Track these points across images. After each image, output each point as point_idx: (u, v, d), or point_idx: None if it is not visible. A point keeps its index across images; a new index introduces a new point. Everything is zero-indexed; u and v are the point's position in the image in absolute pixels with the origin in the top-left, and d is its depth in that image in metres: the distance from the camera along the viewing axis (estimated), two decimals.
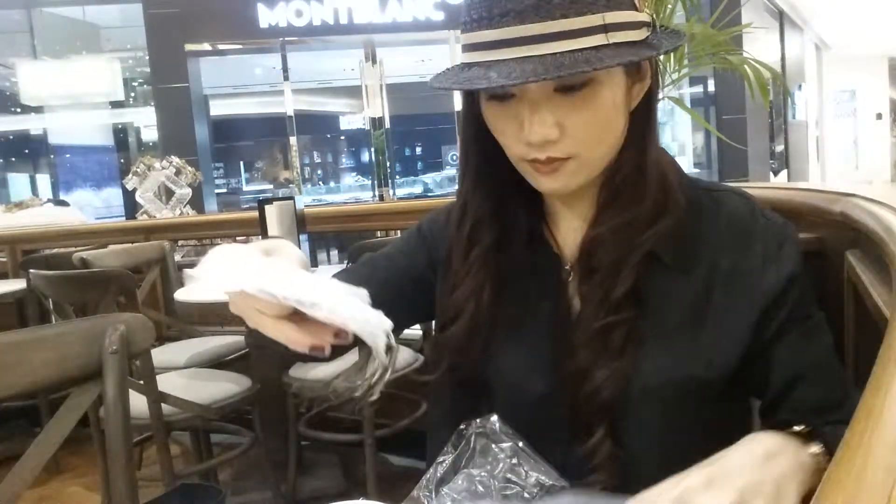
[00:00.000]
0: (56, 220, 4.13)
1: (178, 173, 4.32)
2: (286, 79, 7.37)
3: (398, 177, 9.65)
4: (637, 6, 0.68)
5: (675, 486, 0.58)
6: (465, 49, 0.69)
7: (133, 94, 8.81)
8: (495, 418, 0.73)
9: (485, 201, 0.79)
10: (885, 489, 0.29)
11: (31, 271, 2.30)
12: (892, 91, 13.64)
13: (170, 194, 4.33)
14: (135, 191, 4.30)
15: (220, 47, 7.14)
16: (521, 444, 0.71)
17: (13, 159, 9.91)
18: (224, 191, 10.76)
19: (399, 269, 0.88)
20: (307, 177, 11.62)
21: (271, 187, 10.87)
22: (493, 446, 0.71)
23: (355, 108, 10.45)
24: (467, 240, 0.80)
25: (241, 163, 11.84)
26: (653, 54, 0.68)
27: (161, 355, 2.50)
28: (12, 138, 9.66)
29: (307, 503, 2.38)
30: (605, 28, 0.64)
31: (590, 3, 0.64)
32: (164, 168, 4.29)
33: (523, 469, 0.70)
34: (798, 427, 0.66)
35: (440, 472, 0.72)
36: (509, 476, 0.70)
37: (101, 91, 7.11)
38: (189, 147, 6.42)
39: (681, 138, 8.99)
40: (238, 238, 3.33)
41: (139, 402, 1.86)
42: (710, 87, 7.65)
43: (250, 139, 11.52)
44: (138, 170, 4.28)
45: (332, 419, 2.54)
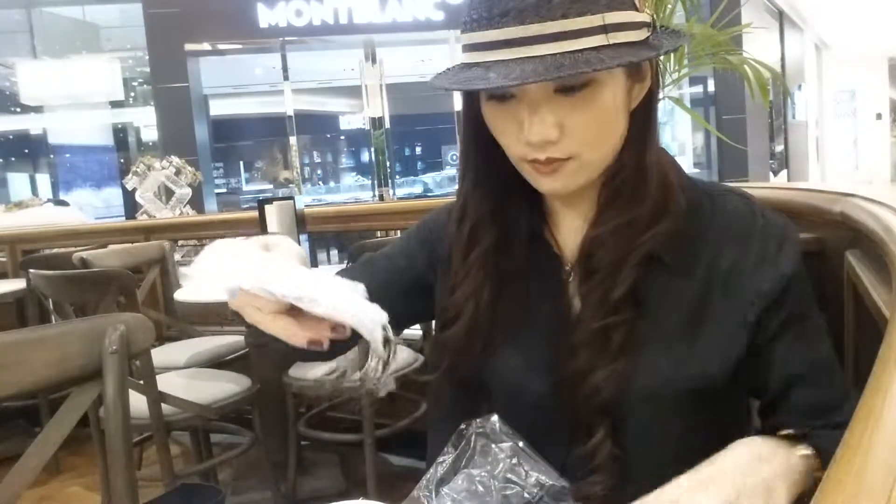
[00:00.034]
0: (56, 220, 4.13)
1: (178, 173, 4.32)
2: (286, 79, 7.38)
3: (398, 177, 9.66)
4: (638, 6, 0.68)
5: (669, 491, 0.61)
6: (465, 49, 0.69)
7: (133, 94, 8.81)
8: (495, 418, 0.73)
9: (485, 201, 0.79)
10: (885, 489, 0.29)
11: (31, 271, 2.30)
12: (892, 91, 13.64)
13: (170, 194, 4.33)
14: (135, 191, 4.29)
15: (220, 47, 7.14)
16: (521, 443, 0.71)
17: (13, 159, 9.91)
18: (224, 191, 10.77)
19: (399, 269, 0.88)
20: (307, 177, 11.62)
21: (271, 187, 10.87)
22: (493, 446, 0.71)
23: (355, 108, 10.45)
24: (467, 240, 0.80)
25: (241, 163, 11.84)
26: (653, 55, 0.68)
27: (161, 355, 2.50)
28: (12, 138, 9.66)
29: (307, 503, 2.38)
30: (606, 28, 0.64)
31: (590, 3, 0.64)
32: (163, 168, 4.28)
33: (523, 469, 0.70)
34: (787, 430, 0.69)
35: (440, 472, 0.72)
36: (509, 476, 0.70)
37: (101, 91, 7.10)
38: (189, 147, 6.42)
39: (681, 138, 8.99)
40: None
41: (139, 402, 1.86)
42: (710, 87, 7.64)
43: (250, 139, 11.53)
44: (138, 170, 4.27)
45: (332, 419, 2.54)
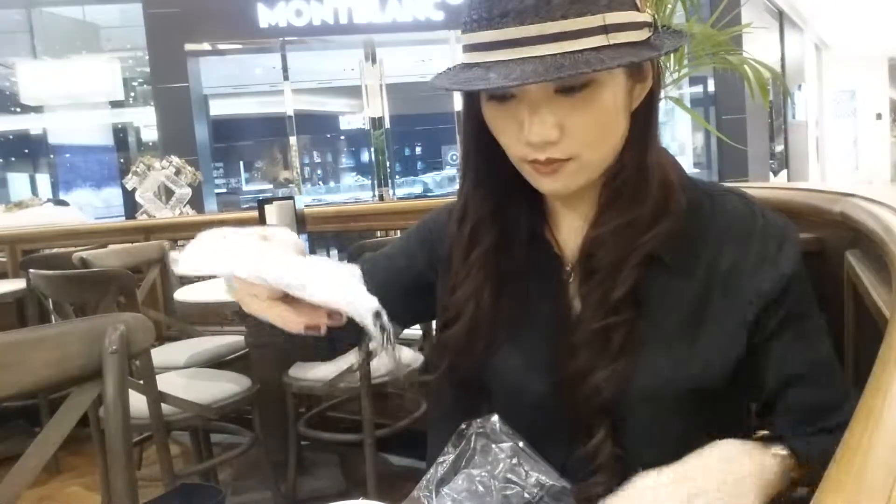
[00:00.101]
0: (56, 219, 4.12)
1: (178, 173, 4.32)
2: (286, 79, 7.38)
3: (398, 177, 9.66)
4: (639, 6, 0.68)
5: (634, 487, 0.64)
6: (466, 49, 0.69)
7: (133, 94, 8.81)
8: (495, 418, 0.73)
9: (486, 201, 0.79)
10: (885, 489, 0.29)
11: (31, 271, 2.29)
12: (892, 91, 13.64)
13: (169, 194, 4.32)
14: (134, 190, 4.29)
15: (220, 47, 7.14)
16: (521, 444, 0.71)
17: (13, 159, 9.91)
18: (224, 191, 10.77)
19: (399, 269, 0.88)
20: (307, 177, 11.62)
21: (271, 187, 10.87)
22: (493, 446, 0.71)
23: (355, 108, 10.45)
24: (468, 240, 0.80)
25: (241, 162, 11.84)
26: (654, 55, 0.68)
27: (161, 355, 2.50)
28: (12, 138, 9.66)
29: (307, 503, 2.38)
30: (606, 29, 0.64)
31: (590, 3, 0.63)
32: (163, 168, 4.28)
33: (523, 469, 0.70)
34: (762, 432, 0.71)
35: (440, 472, 0.72)
36: (509, 476, 0.70)
37: (101, 91, 7.09)
38: (189, 147, 6.42)
39: (680, 138, 8.99)
40: None
41: (139, 402, 1.86)
42: (710, 87, 7.64)
43: (250, 139, 11.53)
44: (138, 170, 4.27)
45: (332, 419, 2.54)
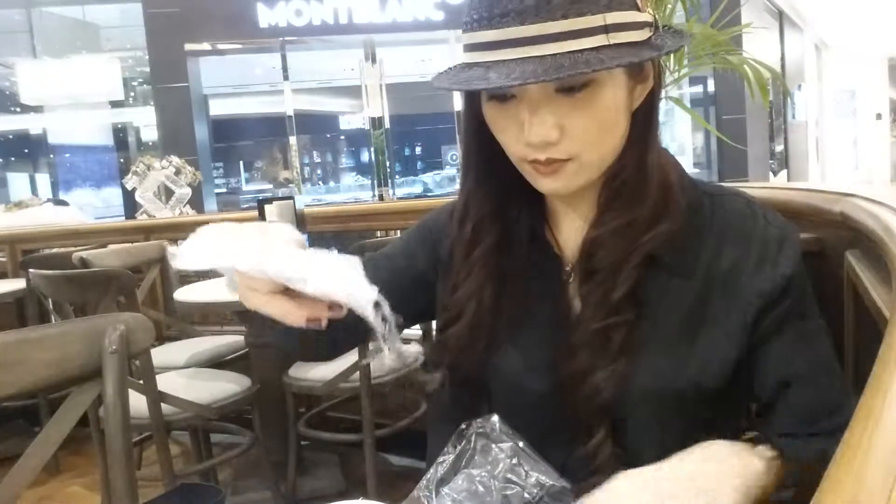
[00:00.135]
0: (56, 219, 4.12)
1: (178, 173, 4.31)
2: (286, 78, 7.38)
3: (398, 177, 9.66)
4: (639, 6, 0.68)
5: (606, 490, 0.64)
6: (466, 49, 0.69)
7: (133, 94, 8.81)
8: (495, 418, 0.73)
9: (486, 200, 0.79)
10: (885, 489, 0.29)
11: (31, 271, 2.29)
12: (892, 91, 13.64)
13: (169, 194, 4.32)
14: (134, 190, 4.29)
15: (220, 47, 7.14)
16: (521, 444, 0.71)
17: (13, 159, 9.91)
18: (224, 190, 10.78)
19: (399, 269, 0.88)
20: (307, 176, 11.63)
21: (271, 187, 10.88)
22: (493, 446, 0.71)
23: (355, 108, 10.45)
24: (469, 239, 0.80)
25: (241, 162, 11.85)
26: (654, 55, 0.68)
27: (161, 355, 2.50)
28: (12, 138, 9.66)
29: (307, 503, 2.38)
30: (606, 29, 0.64)
31: (590, 3, 0.63)
32: (163, 168, 4.27)
33: (523, 469, 0.70)
34: (750, 433, 0.72)
35: (440, 472, 0.72)
36: (509, 476, 0.70)
37: (101, 91, 7.10)
38: (189, 147, 6.42)
39: (680, 138, 8.99)
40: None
41: (139, 402, 1.86)
42: (710, 87, 7.65)
43: (250, 139, 11.53)
44: (138, 169, 4.26)
45: (332, 419, 2.54)
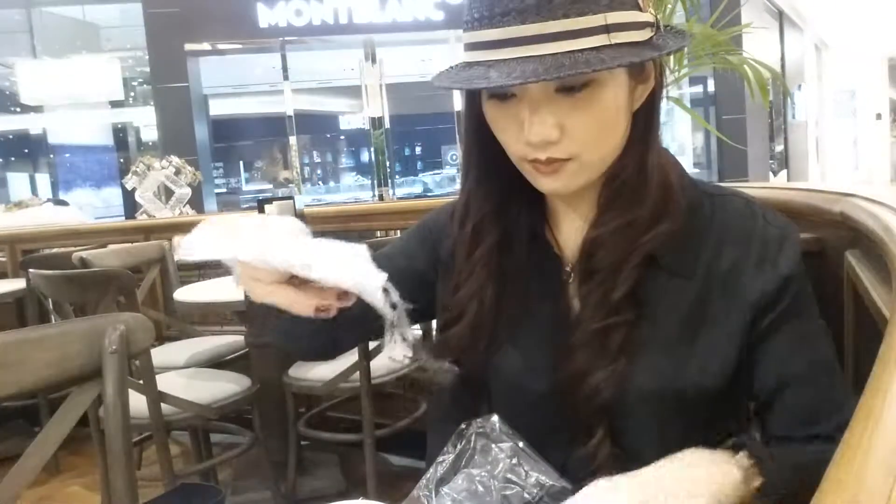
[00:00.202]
0: (56, 219, 4.12)
1: (178, 173, 4.31)
2: (286, 78, 7.38)
3: (398, 176, 9.66)
4: (641, 6, 0.67)
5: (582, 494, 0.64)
6: (467, 48, 0.69)
7: (133, 94, 8.81)
8: (495, 418, 0.73)
9: (487, 199, 0.79)
10: (885, 489, 0.29)
11: (31, 271, 2.29)
12: (892, 91, 13.64)
13: (169, 194, 4.32)
14: (134, 190, 4.29)
15: (220, 47, 7.14)
16: (521, 443, 0.71)
17: (13, 159, 9.91)
18: (224, 190, 10.78)
19: (399, 269, 0.88)
20: (307, 176, 11.62)
21: (271, 187, 10.88)
22: (493, 446, 0.71)
23: (355, 108, 10.44)
24: (471, 238, 0.80)
25: (241, 162, 11.84)
26: (655, 55, 0.67)
27: (161, 355, 2.50)
28: (12, 138, 9.66)
29: (307, 503, 2.38)
30: (607, 28, 0.64)
31: (591, 3, 0.63)
32: (163, 168, 4.27)
33: (523, 469, 0.70)
34: (729, 441, 0.70)
35: (440, 471, 0.72)
36: (509, 476, 0.70)
37: (101, 91, 7.10)
38: (189, 147, 6.41)
39: (680, 138, 8.99)
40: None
41: (139, 402, 1.86)
42: (710, 87, 7.65)
43: (250, 139, 11.53)
44: (138, 169, 4.26)
45: (332, 419, 2.54)
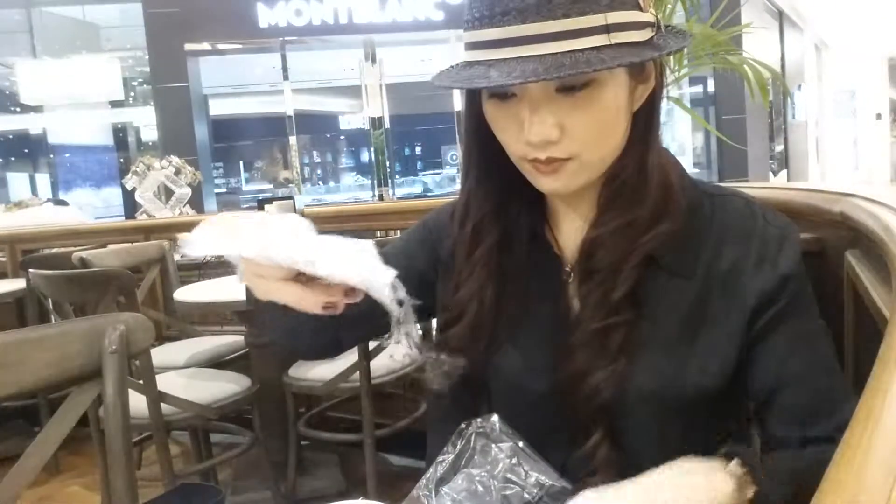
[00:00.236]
0: (55, 219, 4.12)
1: (178, 173, 4.31)
2: (286, 78, 7.38)
3: (398, 176, 9.66)
4: (641, 6, 0.67)
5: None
6: (467, 47, 0.69)
7: (133, 94, 8.80)
8: (495, 418, 0.73)
9: (488, 199, 0.79)
10: (885, 489, 0.29)
11: (31, 271, 2.29)
12: (892, 91, 13.64)
13: (169, 194, 4.32)
14: (134, 190, 4.29)
15: (220, 47, 7.13)
16: (520, 443, 0.71)
17: (12, 159, 9.90)
18: (224, 190, 10.76)
19: (399, 268, 0.88)
20: (307, 176, 11.61)
21: (271, 187, 10.87)
22: (493, 446, 0.71)
23: (355, 108, 10.43)
24: (471, 238, 0.80)
25: (241, 162, 11.83)
26: (655, 55, 0.67)
27: (161, 355, 2.50)
28: (12, 138, 9.65)
29: (307, 503, 2.38)
30: (608, 28, 0.64)
31: (591, 3, 0.63)
32: (163, 168, 4.27)
33: (523, 469, 0.70)
34: (722, 449, 0.71)
35: (440, 471, 0.72)
36: (509, 476, 0.70)
37: (101, 91, 7.09)
38: (189, 147, 6.41)
39: (680, 138, 8.99)
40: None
41: (139, 402, 1.86)
42: (710, 87, 7.65)
43: (250, 139, 11.52)
44: (138, 169, 4.26)
45: (332, 419, 2.54)
